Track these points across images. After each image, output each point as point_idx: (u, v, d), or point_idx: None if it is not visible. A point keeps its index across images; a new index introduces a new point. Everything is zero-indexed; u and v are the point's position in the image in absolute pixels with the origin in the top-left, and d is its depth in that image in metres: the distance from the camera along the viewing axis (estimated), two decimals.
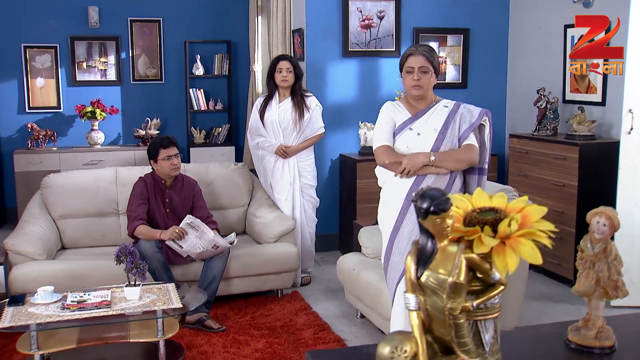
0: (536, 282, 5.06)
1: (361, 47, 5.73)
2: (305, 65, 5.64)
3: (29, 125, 6.76)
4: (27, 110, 7.00)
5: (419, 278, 1.09)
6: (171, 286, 3.73)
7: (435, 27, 5.95)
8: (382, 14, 5.74)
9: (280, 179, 4.95)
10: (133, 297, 3.51)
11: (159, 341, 3.45)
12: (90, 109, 6.85)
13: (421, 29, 5.89)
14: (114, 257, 3.55)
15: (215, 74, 7.41)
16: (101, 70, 7.19)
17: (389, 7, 5.73)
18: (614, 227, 1.26)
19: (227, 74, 7.41)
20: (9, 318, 3.28)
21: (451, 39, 6.02)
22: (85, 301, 3.46)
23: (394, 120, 3.28)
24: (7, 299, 3.55)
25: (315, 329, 4.05)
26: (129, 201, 4.32)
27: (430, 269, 1.09)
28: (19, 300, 3.50)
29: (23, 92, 6.99)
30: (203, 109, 7.37)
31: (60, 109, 7.09)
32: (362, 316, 4.25)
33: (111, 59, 7.19)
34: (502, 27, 6.13)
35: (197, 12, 7.36)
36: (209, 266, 4.20)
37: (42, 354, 3.41)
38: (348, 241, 5.50)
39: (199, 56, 7.29)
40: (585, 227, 4.63)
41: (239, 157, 7.32)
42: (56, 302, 3.47)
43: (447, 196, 1.07)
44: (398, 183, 3.25)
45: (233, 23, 7.43)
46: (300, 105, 4.86)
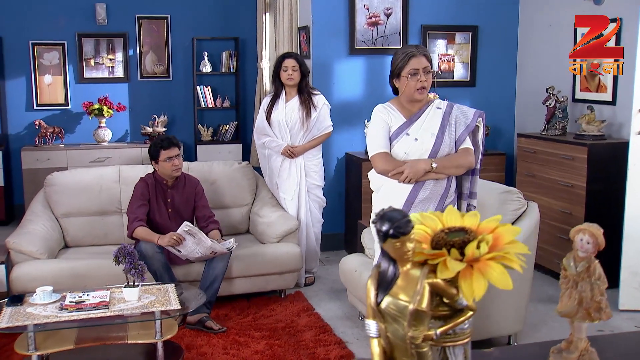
0: (543, 283, 4.99)
1: (368, 44, 5.67)
2: (311, 63, 5.59)
3: (37, 122, 6.78)
4: (35, 107, 7.02)
5: (379, 304, 1.04)
6: (171, 287, 3.70)
7: (443, 25, 5.87)
8: (389, 11, 5.67)
9: (287, 178, 4.90)
10: (132, 298, 3.49)
11: (157, 342, 3.43)
12: (97, 106, 6.85)
13: (429, 26, 5.82)
14: (113, 257, 3.53)
15: (223, 71, 7.38)
16: (109, 67, 7.18)
17: (397, 4, 5.66)
18: (598, 245, 1.20)
19: (234, 71, 7.38)
20: (7, 318, 3.27)
21: (459, 37, 5.94)
22: (84, 302, 3.44)
23: (389, 125, 3.22)
24: (6, 299, 3.54)
25: (316, 331, 4.01)
26: (129, 202, 4.30)
27: (391, 295, 1.03)
28: (17, 300, 3.49)
29: (31, 89, 7.00)
30: (210, 106, 7.34)
31: (68, 106, 7.09)
32: (365, 318, 4.20)
33: (119, 56, 7.18)
34: (511, 25, 6.04)
35: (205, 9, 7.33)
36: (211, 266, 4.17)
37: (41, 355, 3.42)
38: (353, 241, 5.45)
39: (206, 53, 7.26)
40: None
41: (246, 154, 7.29)
42: (55, 302, 3.46)
43: (408, 218, 1.02)
44: (396, 189, 3.19)
45: (241, 20, 7.40)
46: (307, 103, 4.80)
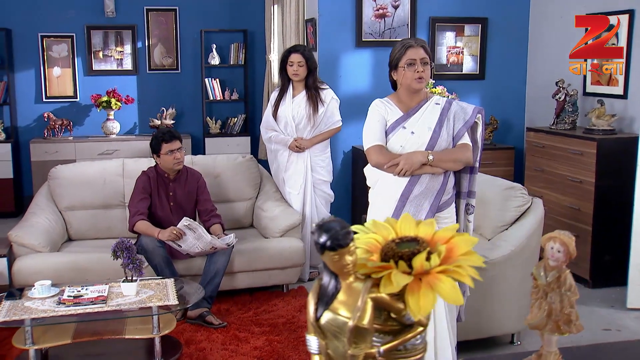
0: None
1: (375, 37, 5.60)
2: (317, 55, 5.53)
3: (46, 115, 6.79)
4: (44, 100, 7.04)
5: (318, 319, 0.99)
6: (170, 282, 3.68)
7: (452, 17, 5.78)
8: (397, 3, 5.59)
9: (293, 173, 4.85)
10: (130, 293, 3.48)
11: (154, 338, 3.42)
12: (105, 98, 6.85)
13: (437, 18, 5.73)
14: (111, 252, 3.52)
15: (232, 63, 7.34)
16: (117, 59, 7.17)
17: None
18: (569, 254, 1.13)
19: (243, 63, 7.34)
20: (4, 312, 3.27)
21: (469, 29, 5.84)
22: (82, 296, 3.43)
23: (385, 119, 3.16)
24: (5, 293, 3.55)
25: None
26: (131, 195, 4.28)
27: (331, 310, 0.98)
28: (16, 294, 3.49)
29: (40, 82, 7.02)
30: (219, 98, 7.31)
31: (77, 98, 7.10)
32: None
33: (127, 48, 7.17)
34: (522, 17, 5.93)
35: (213, 1, 7.30)
36: (212, 261, 4.15)
37: (40, 349, 3.42)
38: None
39: (214, 45, 7.22)
40: (602, 225, 4.46)
41: (254, 147, 7.26)
42: (53, 296, 3.45)
43: (348, 230, 0.97)
44: (390, 184, 3.12)
45: (249, 12, 7.35)
46: (314, 99, 4.73)
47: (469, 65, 5.90)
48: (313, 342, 1.03)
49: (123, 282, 3.51)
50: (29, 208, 4.65)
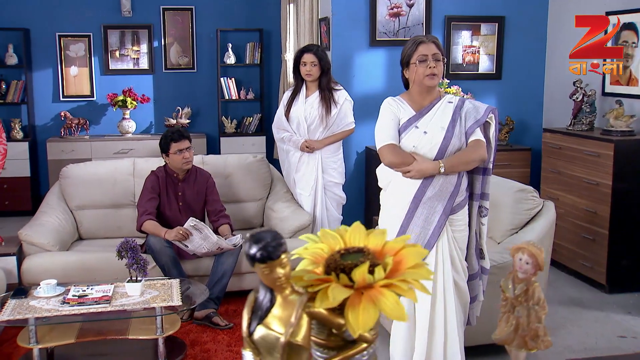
0: (566, 285, 4.81)
1: (389, 36, 5.53)
2: (331, 55, 5.48)
3: (62, 114, 6.84)
4: (61, 99, 7.08)
5: (252, 333, 0.94)
6: (175, 282, 3.66)
7: (468, 16, 5.69)
8: (411, 1, 5.52)
9: (304, 174, 4.80)
10: (134, 293, 3.46)
11: (158, 338, 3.40)
12: (121, 97, 6.87)
13: (453, 17, 5.65)
14: (116, 252, 3.51)
15: (247, 62, 7.33)
16: (134, 58, 7.20)
17: None
18: (538, 265, 1.07)
19: (258, 62, 7.31)
20: (9, 311, 3.28)
21: (485, 28, 5.75)
22: (87, 296, 3.43)
23: (398, 117, 3.10)
24: (11, 292, 3.56)
25: None
26: (140, 195, 4.28)
27: (264, 325, 0.94)
28: (22, 292, 3.50)
29: (57, 81, 7.07)
30: (234, 98, 7.30)
31: (93, 97, 7.14)
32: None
33: (143, 47, 7.19)
34: (540, 15, 5.81)
35: (229, 0, 7.28)
36: (220, 262, 4.12)
37: (46, 347, 3.42)
38: None
39: (230, 45, 7.21)
40: (619, 229, 4.35)
41: (269, 147, 7.23)
42: (58, 295, 3.46)
43: (280, 242, 0.92)
44: (403, 185, 3.06)
45: (265, 11, 7.32)
46: (327, 100, 4.67)
47: (485, 64, 5.80)
48: (248, 357, 0.98)
49: (128, 282, 3.49)
50: (40, 207, 4.67)
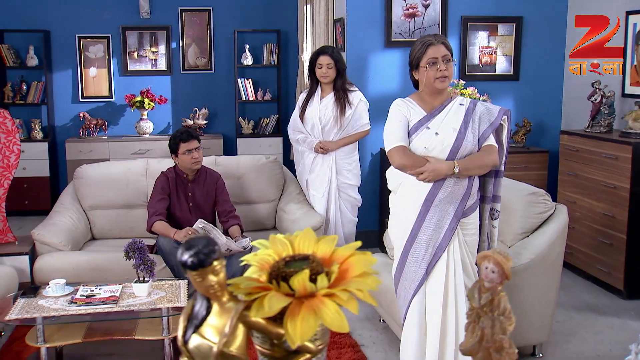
0: (583, 290, 4.71)
1: (405, 37, 5.48)
2: (346, 55, 5.45)
3: (81, 115, 6.91)
4: (80, 100, 7.16)
5: (186, 342, 0.92)
6: (183, 283, 3.66)
7: (485, 16, 5.61)
8: (427, 2, 5.46)
9: (318, 175, 4.78)
10: (141, 294, 3.47)
11: (164, 339, 3.40)
12: (139, 98, 6.92)
13: (470, 17, 5.58)
14: (123, 252, 3.52)
15: (264, 63, 7.33)
16: (152, 60, 7.24)
17: None
18: (504, 274, 1.03)
19: (276, 63, 7.31)
20: (18, 310, 3.31)
21: (502, 28, 5.66)
22: (94, 296, 3.44)
23: (407, 119, 3.05)
24: (21, 291, 3.59)
25: (332, 332, 3.88)
26: (150, 196, 4.29)
27: (199, 333, 0.91)
28: (32, 292, 3.53)
29: (77, 82, 7.14)
30: (252, 99, 7.30)
31: (112, 98, 7.20)
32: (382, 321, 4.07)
33: (162, 48, 7.24)
34: (559, 15, 5.71)
35: (247, 1, 7.30)
36: (229, 263, 4.09)
37: (55, 347, 3.44)
38: None
39: (247, 46, 7.22)
40: (637, 233, 4.25)
41: (286, 148, 7.22)
42: (67, 295, 3.47)
43: (212, 248, 0.89)
44: (414, 187, 3.01)
45: (283, 12, 7.32)
46: (342, 101, 4.65)
47: (502, 65, 5.72)
48: None
49: (135, 282, 3.50)
50: (54, 207, 4.71)
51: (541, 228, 3.51)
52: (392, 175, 3.18)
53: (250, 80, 7.29)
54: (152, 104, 6.95)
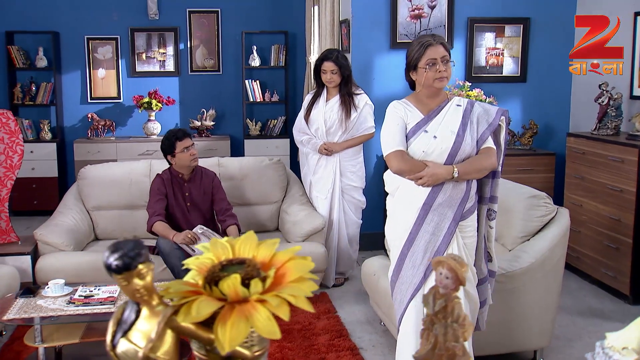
0: (588, 294, 4.65)
1: (410, 38, 5.44)
2: (351, 57, 5.43)
3: (89, 116, 6.95)
4: (89, 101, 7.20)
5: (114, 346, 0.90)
6: None
7: (491, 17, 5.57)
8: (433, 3, 5.43)
9: (321, 177, 4.77)
10: None
11: None
12: (146, 99, 6.94)
13: (476, 19, 5.53)
14: None
15: (272, 65, 7.33)
16: (160, 61, 7.27)
17: None
18: (458, 280, 1.00)
19: (283, 65, 7.31)
20: (16, 310, 3.32)
21: (509, 30, 5.62)
22: (93, 296, 3.45)
23: (405, 122, 3.02)
24: (21, 290, 3.61)
25: (332, 335, 3.88)
26: (148, 198, 4.30)
27: (127, 338, 0.90)
28: (31, 292, 3.54)
29: (85, 83, 7.18)
30: (259, 100, 7.30)
31: (120, 99, 7.24)
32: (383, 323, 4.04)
33: (170, 50, 7.26)
34: (567, 16, 5.64)
35: (255, 2, 7.30)
36: None
37: (54, 347, 3.45)
38: None
39: (255, 47, 7.22)
40: None
41: (293, 149, 7.20)
42: (65, 295, 3.49)
43: (139, 252, 0.87)
44: (412, 191, 2.98)
45: (290, 13, 7.31)
46: (347, 104, 4.65)
47: (509, 67, 5.67)
48: None
49: None
50: (57, 207, 4.73)
51: (542, 232, 3.46)
52: (390, 178, 3.16)
53: (258, 81, 7.29)
54: (159, 105, 6.98)
